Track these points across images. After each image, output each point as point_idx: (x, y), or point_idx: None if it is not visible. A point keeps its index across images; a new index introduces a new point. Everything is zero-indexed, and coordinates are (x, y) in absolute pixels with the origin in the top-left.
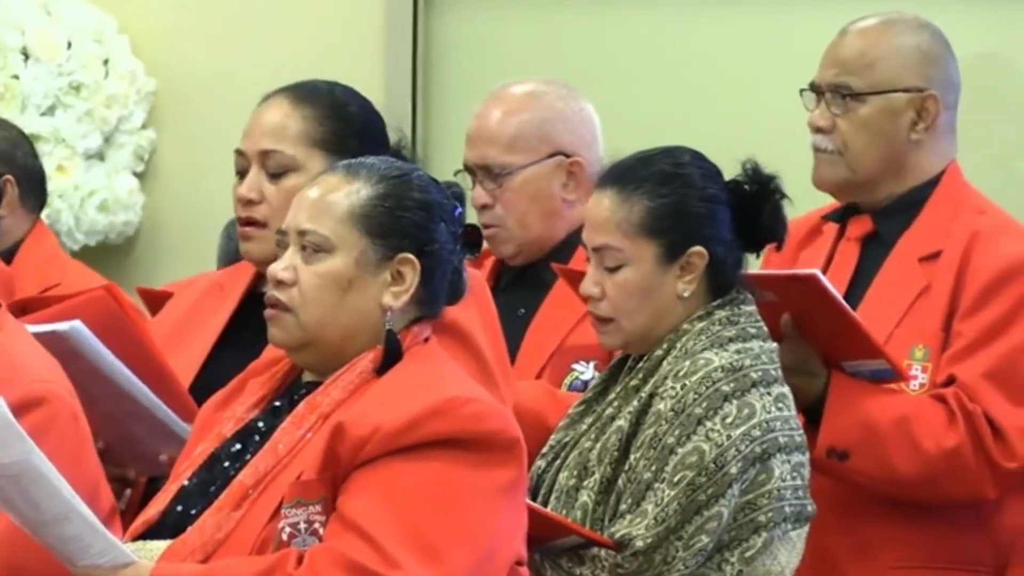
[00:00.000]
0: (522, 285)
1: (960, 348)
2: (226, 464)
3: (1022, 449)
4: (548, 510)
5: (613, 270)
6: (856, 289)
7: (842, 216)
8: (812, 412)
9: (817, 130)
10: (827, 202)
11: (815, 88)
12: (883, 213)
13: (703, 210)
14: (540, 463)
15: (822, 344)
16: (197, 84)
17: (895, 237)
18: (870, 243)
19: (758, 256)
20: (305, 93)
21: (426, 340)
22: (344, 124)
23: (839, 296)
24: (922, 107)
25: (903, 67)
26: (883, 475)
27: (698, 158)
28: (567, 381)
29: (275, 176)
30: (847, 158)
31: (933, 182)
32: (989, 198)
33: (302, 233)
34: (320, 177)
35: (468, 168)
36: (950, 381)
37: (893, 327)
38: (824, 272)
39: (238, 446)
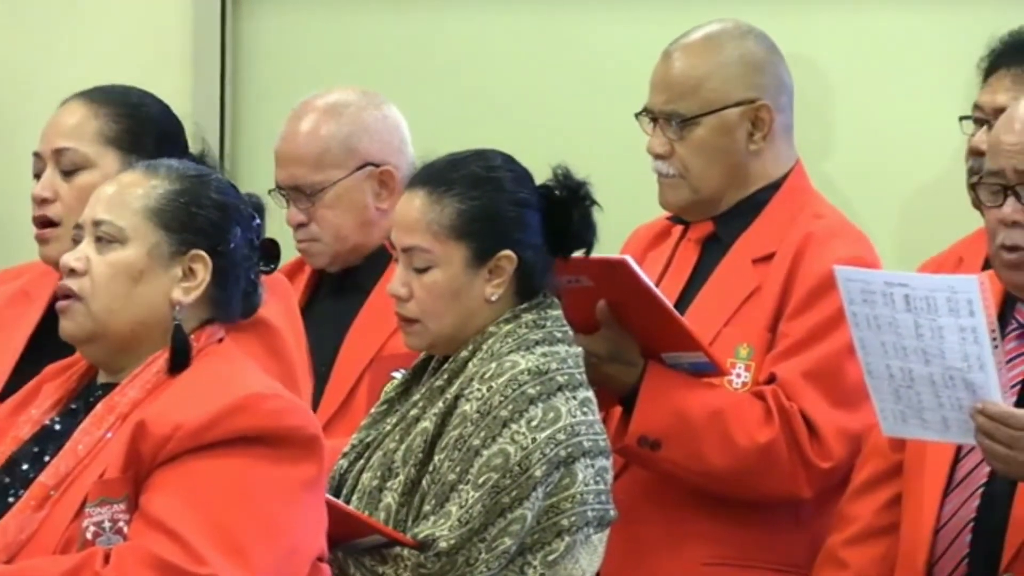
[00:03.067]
0: (340, 292)
1: (784, 348)
2: (25, 467)
3: (837, 449)
4: (352, 508)
5: (421, 271)
6: (692, 288)
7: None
8: (628, 401)
9: (656, 156)
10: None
11: (649, 112)
12: (724, 216)
13: (513, 214)
14: (342, 462)
15: (640, 333)
16: (1, 88)
17: (733, 238)
18: (710, 244)
19: (566, 260)
20: (100, 94)
21: (220, 341)
22: (139, 123)
23: (651, 283)
24: (756, 117)
25: (730, 82)
26: (694, 466)
27: (509, 162)
28: (387, 388)
29: (68, 174)
30: (689, 180)
31: (776, 185)
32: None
33: (97, 223)
34: (119, 175)
35: (280, 188)
36: (771, 379)
37: (721, 326)
38: (664, 272)
39: (36, 449)
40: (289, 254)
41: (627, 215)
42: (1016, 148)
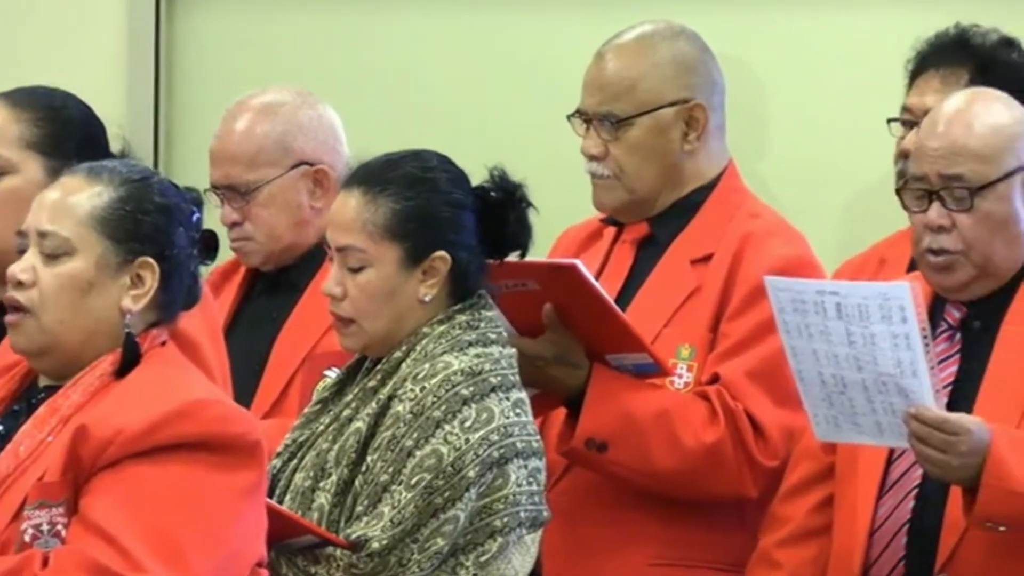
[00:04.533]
0: (275, 290)
1: (726, 348)
2: None
3: (783, 448)
4: (285, 508)
5: (356, 271)
6: (629, 290)
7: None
8: (574, 403)
9: (590, 158)
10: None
11: (582, 114)
12: (659, 217)
13: (448, 215)
14: (276, 462)
15: (585, 336)
16: None
17: (670, 239)
18: (646, 246)
19: (501, 262)
20: (21, 97)
21: (163, 344)
22: (61, 127)
23: (599, 287)
24: (690, 117)
25: (664, 82)
26: (641, 467)
27: (445, 162)
28: (319, 387)
29: None
30: (624, 182)
31: (710, 185)
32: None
33: (42, 235)
34: (62, 179)
35: (215, 188)
36: (714, 379)
37: (662, 327)
38: (599, 273)
39: None
40: (225, 253)
41: (558, 216)
42: (938, 153)
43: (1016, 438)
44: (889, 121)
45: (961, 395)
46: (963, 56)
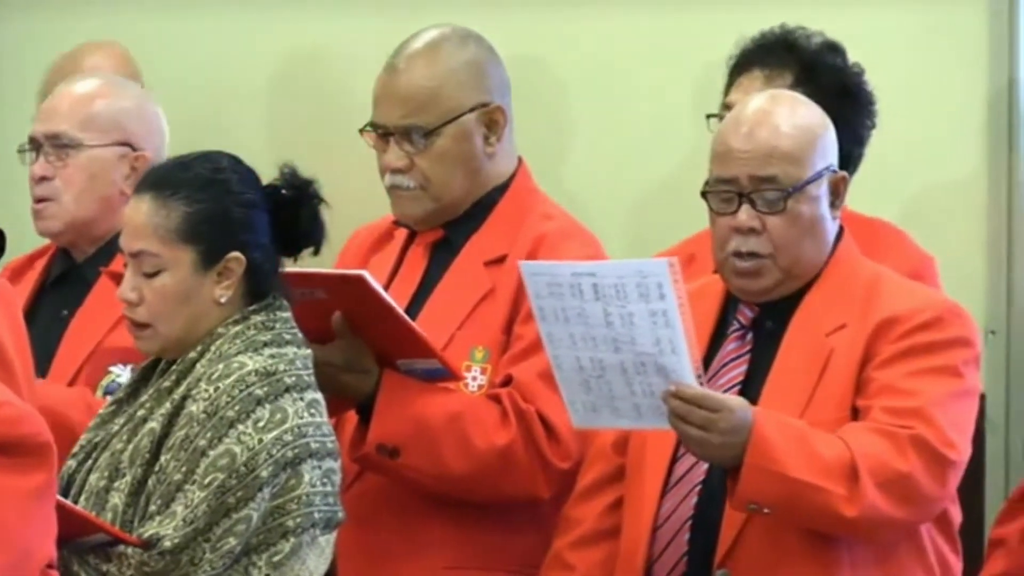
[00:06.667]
0: (66, 285)
1: (519, 350)
2: None
3: (576, 449)
4: (78, 507)
5: (151, 276)
6: (423, 293)
7: None
8: (365, 409)
9: (394, 171)
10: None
11: (378, 128)
12: (453, 219)
13: (241, 215)
14: (71, 463)
15: (375, 342)
16: None
17: (463, 241)
18: (439, 248)
19: (295, 260)
20: None
21: None
22: None
23: (387, 296)
24: (491, 120)
25: (463, 88)
26: (434, 471)
27: (236, 163)
28: (103, 383)
29: None
30: (430, 191)
31: (503, 187)
32: (556, 203)
33: None
34: None
35: (34, 140)
36: (507, 381)
37: (455, 329)
38: (392, 277)
39: None
40: (14, 251)
41: (352, 214)
42: (748, 155)
43: (782, 421)
44: (708, 117)
45: (747, 395)
46: (788, 57)
